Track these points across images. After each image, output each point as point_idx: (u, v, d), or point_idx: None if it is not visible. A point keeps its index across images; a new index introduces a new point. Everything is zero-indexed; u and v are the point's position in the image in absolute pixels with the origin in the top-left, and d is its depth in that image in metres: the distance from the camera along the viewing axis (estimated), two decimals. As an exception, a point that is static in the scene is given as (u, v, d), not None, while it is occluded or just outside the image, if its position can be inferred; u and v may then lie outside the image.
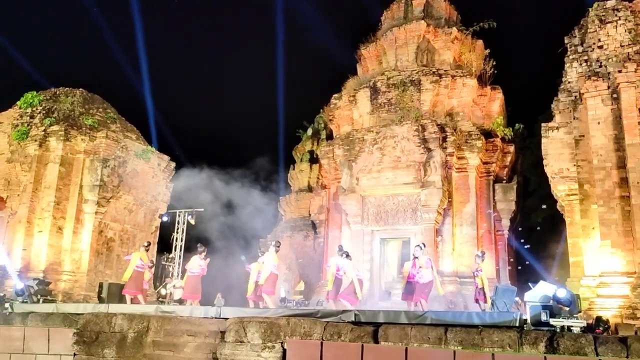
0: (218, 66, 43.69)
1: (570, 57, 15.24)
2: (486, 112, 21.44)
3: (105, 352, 10.69)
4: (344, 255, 13.44)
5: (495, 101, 21.65)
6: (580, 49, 15.05)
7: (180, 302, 15.25)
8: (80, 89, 21.80)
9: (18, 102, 20.77)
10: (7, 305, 13.91)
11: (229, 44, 47.41)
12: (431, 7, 22.87)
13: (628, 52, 13.99)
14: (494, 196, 19.73)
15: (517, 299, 12.38)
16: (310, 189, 25.20)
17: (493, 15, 22.48)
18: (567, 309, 8.82)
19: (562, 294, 8.92)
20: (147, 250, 15.17)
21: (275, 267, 13.22)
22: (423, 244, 14.82)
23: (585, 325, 8.74)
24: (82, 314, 11.89)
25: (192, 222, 21.79)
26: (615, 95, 13.66)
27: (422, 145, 18.70)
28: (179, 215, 22.35)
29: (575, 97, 14.81)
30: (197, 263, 14.01)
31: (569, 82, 15.12)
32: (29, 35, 43.26)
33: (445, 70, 20.73)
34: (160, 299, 17.18)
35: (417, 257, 12.98)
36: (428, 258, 13.08)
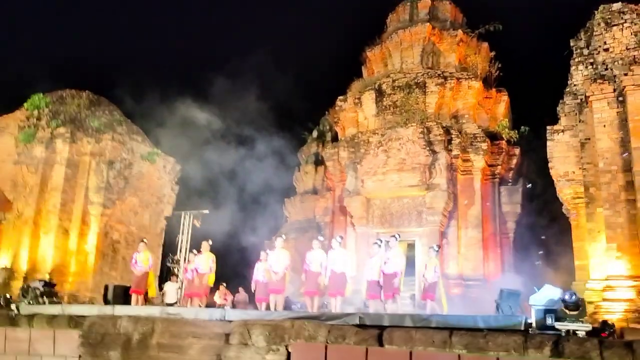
0: (222, 67, 43.71)
1: (576, 59, 15.19)
2: (491, 115, 21.40)
3: (110, 354, 10.75)
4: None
5: (500, 103, 21.61)
6: (586, 51, 15.00)
7: (173, 305, 15.52)
8: (87, 91, 21.90)
9: (24, 104, 20.88)
10: (13, 306, 13.97)
11: (235, 46, 47.53)
12: (437, 10, 22.87)
13: (634, 55, 13.93)
14: (499, 199, 19.68)
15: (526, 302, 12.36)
16: (315, 191, 25.17)
17: (499, 17, 22.41)
18: (575, 312, 8.79)
19: (570, 297, 8.88)
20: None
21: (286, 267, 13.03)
22: (438, 245, 14.63)
23: (591, 329, 8.71)
24: (88, 315, 11.95)
25: (198, 224, 21.82)
26: (621, 98, 13.61)
27: (427, 148, 18.67)
28: (184, 217, 22.40)
29: (581, 100, 14.76)
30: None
31: (574, 85, 15.08)
32: (34, 37, 43.51)
33: (450, 73, 20.72)
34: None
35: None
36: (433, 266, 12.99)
